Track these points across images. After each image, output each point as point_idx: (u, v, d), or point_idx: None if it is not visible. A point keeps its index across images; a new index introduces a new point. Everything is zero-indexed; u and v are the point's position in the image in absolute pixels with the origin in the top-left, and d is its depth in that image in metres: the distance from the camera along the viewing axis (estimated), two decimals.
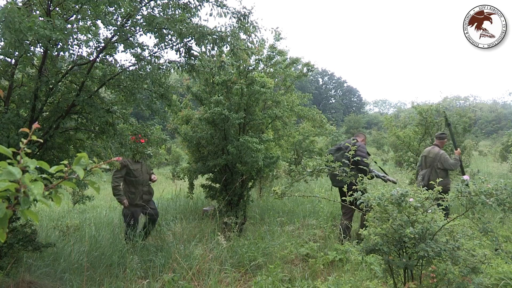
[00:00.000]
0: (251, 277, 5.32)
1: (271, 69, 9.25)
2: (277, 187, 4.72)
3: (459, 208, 3.79)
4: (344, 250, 5.82)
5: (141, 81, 5.62)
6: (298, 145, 13.95)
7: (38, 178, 1.29)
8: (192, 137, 7.82)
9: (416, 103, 12.17)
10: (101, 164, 1.49)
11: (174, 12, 5.31)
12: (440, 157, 7.88)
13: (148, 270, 5.35)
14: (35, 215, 1.33)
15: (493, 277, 4.27)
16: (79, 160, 1.40)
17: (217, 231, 6.44)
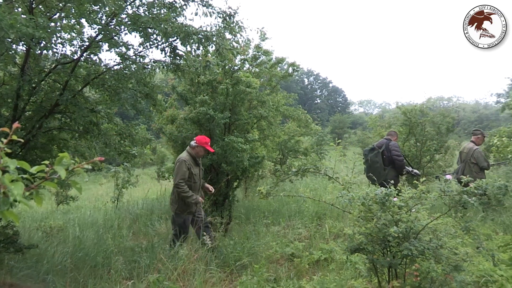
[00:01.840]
0: (236, 277, 5.31)
1: (256, 69, 9.25)
2: (262, 187, 4.72)
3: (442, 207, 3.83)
4: (329, 249, 5.84)
5: (125, 81, 5.58)
6: (284, 145, 13.95)
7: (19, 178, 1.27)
8: (177, 137, 7.78)
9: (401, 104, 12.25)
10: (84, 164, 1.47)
11: (159, 11, 5.28)
12: (473, 153, 8.00)
13: (133, 270, 5.30)
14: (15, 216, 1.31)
15: (475, 275, 4.32)
16: (61, 160, 1.38)
17: (202, 231, 6.41)
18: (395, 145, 7.82)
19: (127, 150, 6.57)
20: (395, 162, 7.63)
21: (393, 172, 7.69)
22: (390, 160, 7.70)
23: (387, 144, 7.84)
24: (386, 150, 7.78)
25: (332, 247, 5.87)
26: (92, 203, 13.43)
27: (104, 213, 9.43)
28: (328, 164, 5.09)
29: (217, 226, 6.48)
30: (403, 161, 7.66)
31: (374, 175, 7.14)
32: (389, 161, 7.71)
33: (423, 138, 10.36)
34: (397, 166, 7.63)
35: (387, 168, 7.67)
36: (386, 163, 7.72)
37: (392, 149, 7.71)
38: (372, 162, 7.75)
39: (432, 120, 10.89)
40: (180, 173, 5.77)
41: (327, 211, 8.21)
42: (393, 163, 7.69)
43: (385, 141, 7.94)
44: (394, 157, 7.64)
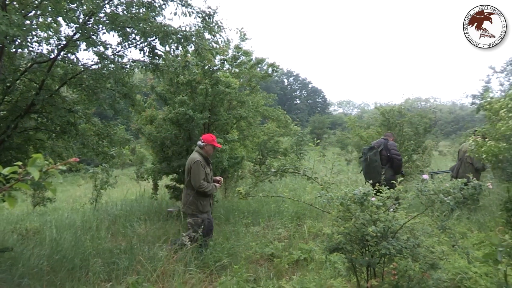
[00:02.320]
0: (216, 277, 5.29)
1: (236, 69, 9.24)
2: (242, 187, 4.73)
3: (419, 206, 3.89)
4: (309, 249, 5.87)
5: (104, 80, 5.52)
6: (263, 145, 13.98)
7: None
8: (156, 137, 7.73)
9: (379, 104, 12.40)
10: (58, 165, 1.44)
11: (138, 10, 5.23)
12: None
13: (112, 272, 5.23)
14: None
15: (451, 272, 4.40)
16: (34, 161, 1.36)
17: (181, 232, 6.37)
18: (394, 144, 8.04)
19: (105, 150, 6.50)
20: (394, 161, 7.84)
21: (390, 171, 7.86)
22: (388, 159, 7.90)
23: (385, 144, 8.04)
24: (384, 149, 7.97)
25: (312, 247, 5.90)
26: (70, 204, 13.22)
27: (82, 214, 9.29)
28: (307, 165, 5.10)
29: None
30: (402, 161, 7.88)
31: (372, 173, 7.53)
32: (387, 161, 7.91)
33: (401, 139, 10.50)
34: (396, 165, 7.84)
35: (385, 167, 7.81)
36: (384, 162, 7.92)
37: (391, 149, 7.93)
38: (371, 161, 7.94)
39: (410, 121, 11.04)
40: (200, 174, 5.81)
41: (306, 211, 8.25)
42: (391, 163, 7.88)
43: (383, 141, 8.14)
44: (394, 156, 7.84)
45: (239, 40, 9.16)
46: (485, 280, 4.18)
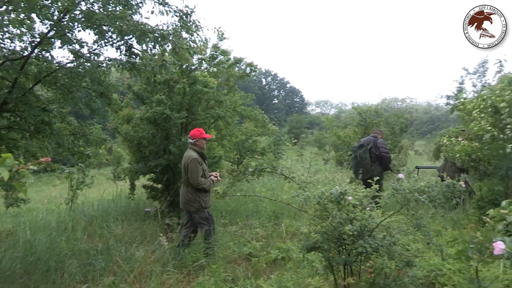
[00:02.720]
0: (194, 278, 5.27)
1: (214, 69, 9.22)
2: (219, 187, 4.72)
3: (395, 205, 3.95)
4: (286, 248, 5.90)
5: (79, 79, 5.44)
6: (241, 145, 13.96)
7: None
8: (133, 137, 7.65)
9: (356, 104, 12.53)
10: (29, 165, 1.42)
11: (114, 8, 5.17)
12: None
13: (88, 274, 5.17)
14: None
15: (426, 269, 4.48)
16: (4, 161, 1.33)
17: (159, 232, 6.33)
18: (383, 142, 8.23)
19: (81, 150, 6.42)
20: (384, 159, 8.03)
21: (379, 168, 8.08)
22: (377, 156, 8.07)
23: (374, 142, 8.21)
24: (374, 147, 8.14)
25: (289, 246, 5.93)
26: (45, 205, 12.99)
27: (58, 215, 9.13)
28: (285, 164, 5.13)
29: (174, 227, 6.41)
30: (391, 158, 8.13)
31: (362, 170, 7.67)
32: (376, 158, 8.09)
33: None
34: (385, 162, 8.05)
35: (374, 165, 8.06)
36: (373, 159, 8.10)
37: (380, 146, 8.11)
38: (361, 159, 8.12)
39: (386, 121, 11.19)
40: (198, 171, 5.81)
41: (284, 210, 8.29)
42: (380, 160, 8.06)
43: (372, 139, 8.31)
44: (383, 154, 8.03)
45: (217, 40, 9.15)
46: (458, 276, 4.28)
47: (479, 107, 6.60)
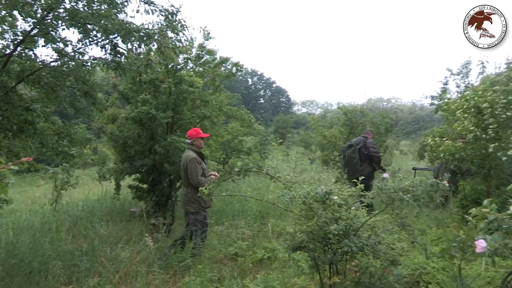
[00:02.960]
0: (180, 278, 5.25)
1: (200, 68, 9.19)
2: (205, 186, 4.71)
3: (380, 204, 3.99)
4: (272, 248, 5.91)
5: (63, 78, 5.38)
6: (227, 145, 13.94)
7: None
8: (118, 136, 7.60)
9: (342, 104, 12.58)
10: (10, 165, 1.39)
11: (99, 7, 5.13)
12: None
13: (72, 275, 5.12)
14: None
15: (410, 268, 4.54)
16: None
17: (144, 232, 6.30)
18: (372, 142, 8.33)
19: (65, 150, 6.35)
20: (373, 158, 8.12)
21: (369, 168, 8.18)
22: (367, 156, 8.16)
23: (364, 142, 8.31)
24: (363, 147, 8.24)
25: (275, 246, 5.95)
26: (28, 206, 12.83)
27: (42, 216, 9.02)
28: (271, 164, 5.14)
29: (160, 227, 6.39)
30: (380, 157, 8.20)
31: (350, 170, 7.88)
32: (365, 158, 8.17)
33: None
34: (375, 162, 8.14)
35: (364, 164, 8.15)
36: (362, 159, 8.18)
37: (369, 146, 8.20)
38: (350, 158, 8.20)
39: (372, 121, 11.26)
40: (197, 171, 5.86)
41: (270, 210, 8.30)
42: (370, 159, 8.15)
43: (362, 139, 8.40)
44: (372, 154, 8.12)
45: (203, 39, 9.12)
46: (442, 274, 4.34)
47: (463, 108, 6.68)
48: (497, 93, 6.25)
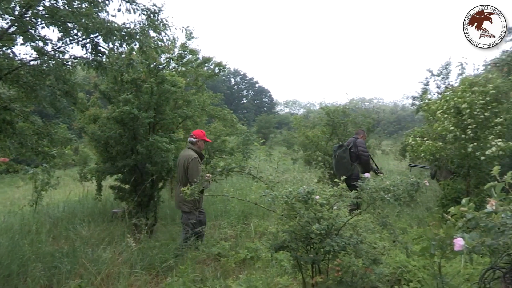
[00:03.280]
0: (162, 279, 5.23)
1: (182, 68, 9.17)
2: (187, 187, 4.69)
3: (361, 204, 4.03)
4: (255, 248, 5.92)
5: (43, 77, 5.30)
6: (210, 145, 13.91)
7: None
8: (100, 136, 7.52)
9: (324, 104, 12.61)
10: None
11: (80, 5, 5.06)
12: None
13: (53, 277, 5.06)
14: None
15: (392, 266, 4.59)
16: None
17: (126, 233, 6.25)
18: (362, 142, 8.42)
19: (45, 150, 6.27)
20: (361, 157, 8.22)
21: (359, 167, 8.28)
22: (357, 156, 8.27)
23: (354, 141, 8.43)
24: (353, 146, 8.36)
25: (258, 246, 5.96)
26: (7, 207, 12.61)
27: (21, 217, 8.89)
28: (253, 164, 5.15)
29: (142, 227, 6.35)
30: (369, 157, 8.30)
31: (341, 170, 8.04)
32: (356, 157, 8.29)
33: (345, 138, 10.73)
34: (363, 161, 8.22)
35: (354, 164, 8.24)
36: (353, 159, 8.29)
37: (358, 145, 8.31)
38: (340, 158, 8.30)
39: (354, 121, 11.33)
40: (198, 170, 5.96)
41: (253, 210, 8.32)
42: (360, 159, 8.25)
43: (353, 139, 8.54)
44: (360, 152, 8.22)
45: (185, 39, 9.10)
46: (422, 273, 4.40)
47: (443, 108, 6.78)
48: (475, 94, 6.36)
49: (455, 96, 6.57)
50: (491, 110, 6.29)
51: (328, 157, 10.94)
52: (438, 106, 6.94)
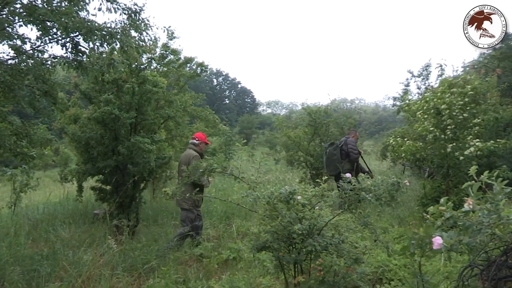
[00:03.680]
0: (144, 280, 5.20)
1: (164, 68, 9.13)
2: (168, 187, 4.67)
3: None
4: (238, 248, 5.92)
5: (22, 77, 5.22)
6: None
7: None
8: (80, 137, 7.43)
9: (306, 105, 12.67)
10: None
11: (60, 3, 4.99)
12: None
13: (32, 280, 4.97)
14: None
15: (373, 266, 4.64)
16: None
17: (108, 234, 6.19)
18: (352, 141, 8.73)
19: (24, 151, 6.17)
20: (350, 155, 8.53)
21: (349, 165, 8.58)
22: (346, 154, 8.59)
23: (345, 140, 8.76)
24: (344, 145, 8.67)
25: (240, 246, 5.96)
26: None
27: None
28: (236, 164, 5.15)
29: (124, 229, 6.30)
30: (357, 155, 8.62)
31: (331, 166, 8.47)
32: (346, 155, 8.61)
33: (327, 138, 10.80)
34: (352, 159, 8.55)
35: (343, 161, 8.58)
36: (343, 157, 8.63)
37: (348, 144, 8.61)
38: (330, 155, 8.68)
39: (336, 121, 11.42)
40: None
41: (235, 210, 8.32)
42: (349, 157, 8.55)
43: (345, 138, 8.88)
44: (350, 150, 8.53)
45: (167, 39, 9.06)
46: (403, 271, 4.45)
47: (423, 109, 6.87)
48: (454, 95, 6.46)
49: (434, 97, 6.66)
50: (470, 111, 6.41)
51: (310, 157, 10.99)
52: (418, 106, 7.03)
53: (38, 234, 7.31)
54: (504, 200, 2.20)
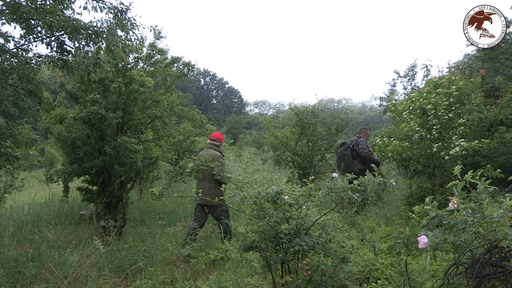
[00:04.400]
0: (132, 281, 5.17)
1: (151, 68, 9.08)
2: (155, 188, 4.65)
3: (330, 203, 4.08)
4: (225, 248, 5.92)
5: (5, 76, 5.14)
6: (179, 145, 13.84)
7: None
8: (66, 137, 7.37)
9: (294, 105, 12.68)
10: None
11: (44, 2, 4.93)
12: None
13: (17, 283, 4.92)
14: None
15: (360, 265, 4.67)
16: None
17: (94, 235, 6.15)
18: (363, 140, 8.90)
19: (8, 151, 6.09)
20: (361, 155, 8.71)
21: (360, 165, 8.80)
22: (357, 154, 8.80)
23: (356, 140, 8.97)
24: (355, 145, 8.88)
25: (228, 246, 5.96)
26: None
27: None
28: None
29: (111, 229, 6.26)
30: (368, 154, 8.75)
31: (342, 166, 8.62)
32: (357, 155, 8.81)
33: (314, 138, 10.84)
34: (363, 159, 8.74)
35: (355, 161, 8.81)
36: (354, 156, 8.85)
37: (359, 143, 8.81)
38: (342, 155, 8.94)
39: (323, 121, 11.44)
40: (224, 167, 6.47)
41: None
42: (360, 157, 8.75)
43: (356, 138, 9.08)
44: (360, 150, 8.72)
45: (153, 38, 9.00)
46: (390, 270, 4.49)
47: (409, 109, 6.93)
48: (440, 95, 6.52)
49: (420, 97, 6.72)
50: (455, 111, 6.48)
51: (297, 157, 11.00)
52: (404, 107, 7.09)
53: (23, 235, 7.24)
54: (488, 199, 2.22)
